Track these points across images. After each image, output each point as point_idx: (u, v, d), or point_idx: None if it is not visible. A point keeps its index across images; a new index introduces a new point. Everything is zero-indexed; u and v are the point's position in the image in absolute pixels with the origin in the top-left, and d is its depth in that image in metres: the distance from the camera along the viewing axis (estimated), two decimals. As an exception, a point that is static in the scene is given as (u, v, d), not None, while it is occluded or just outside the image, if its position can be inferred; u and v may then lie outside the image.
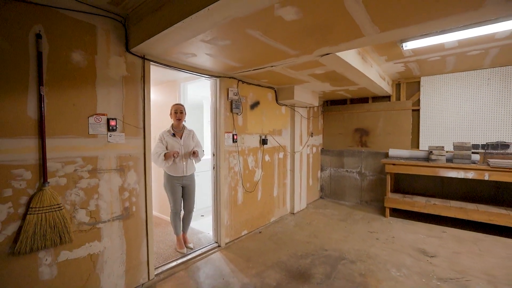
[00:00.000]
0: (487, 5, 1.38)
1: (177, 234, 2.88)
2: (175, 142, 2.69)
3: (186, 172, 2.74)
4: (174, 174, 2.70)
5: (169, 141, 2.68)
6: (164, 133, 2.70)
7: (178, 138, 2.73)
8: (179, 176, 2.72)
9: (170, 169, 2.70)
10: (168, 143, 2.68)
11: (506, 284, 2.24)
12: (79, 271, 1.85)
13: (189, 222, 2.96)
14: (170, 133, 2.70)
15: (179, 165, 2.69)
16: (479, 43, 2.69)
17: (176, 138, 2.71)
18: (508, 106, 3.57)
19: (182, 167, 2.71)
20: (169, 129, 2.73)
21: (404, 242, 3.12)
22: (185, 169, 2.73)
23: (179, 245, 2.85)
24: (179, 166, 2.70)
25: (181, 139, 2.73)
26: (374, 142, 4.77)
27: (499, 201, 3.67)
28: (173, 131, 2.72)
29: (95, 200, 1.92)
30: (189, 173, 2.77)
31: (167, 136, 2.69)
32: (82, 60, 1.83)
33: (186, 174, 2.74)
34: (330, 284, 2.27)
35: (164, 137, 2.67)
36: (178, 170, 2.70)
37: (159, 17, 1.74)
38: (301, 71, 3.00)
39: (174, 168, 2.69)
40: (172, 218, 2.83)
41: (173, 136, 2.70)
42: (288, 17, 1.55)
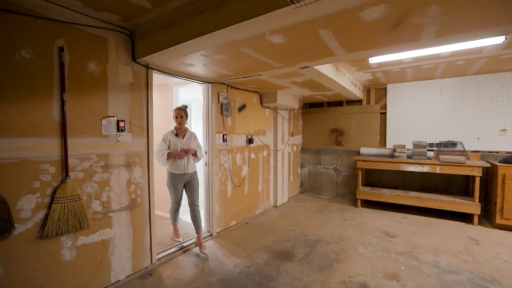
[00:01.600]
0: (423, 39, 1.86)
1: (174, 225, 3.15)
2: (177, 141, 2.86)
3: (188, 170, 2.89)
4: (176, 171, 2.86)
5: (172, 140, 2.85)
6: (167, 133, 2.89)
7: (181, 138, 2.90)
8: (181, 174, 2.87)
9: (172, 167, 2.86)
10: (171, 142, 2.85)
11: (446, 253, 2.80)
12: (94, 254, 2.11)
13: (198, 219, 2.92)
14: (173, 133, 2.89)
15: (180, 163, 2.85)
16: (429, 59, 3.25)
17: (179, 137, 2.89)
18: (457, 111, 4.23)
19: (183, 165, 2.86)
20: (172, 130, 2.92)
21: (371, 227, 3.64)
22: (187, 166, 2.88)
23: (175, 234, 3.15)
24: (180, 164, 2.85)
25: (183, 139, 2.91)
26: (348, 142, 5.31)
27: (448, 190, 4.33)
28: (176, 131, 2.91)
29: (107, 192, 2.19)
30: (190, 170, 2.92)
31: (170, 135, 2.87)
32: (96, 69, 2.10)
33: (188, 171, 2.89)
34: (309, 261, 2.69)
35: (167, 137, 2.86)
36: (180, 168, 2.85)
37: (166, 35, 2.05)
38: (284, 79, 3.41)
39: (176, 166, 2.85)
40: (172, 211, 3.07)
41: (176, 136, 2.88)
42: (276, 41, 1.94)
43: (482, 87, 4.02)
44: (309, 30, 1.75)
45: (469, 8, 1.44)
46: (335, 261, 2.68)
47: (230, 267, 2.58)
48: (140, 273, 2.44)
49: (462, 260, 2.67)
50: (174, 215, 3.09)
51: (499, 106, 3.92)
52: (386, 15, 1.53)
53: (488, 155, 4.00)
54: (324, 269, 2.53)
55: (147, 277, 2.40)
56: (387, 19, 1.57)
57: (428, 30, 1.74)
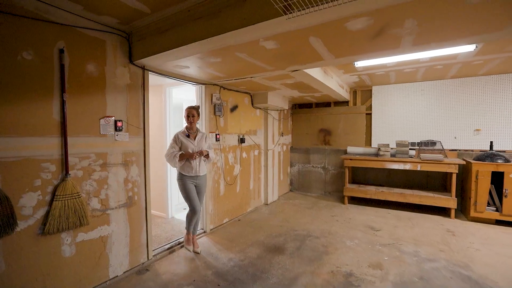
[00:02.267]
0: (402, 47, 2.04)
1: (188, 230, 2.92)
2: (189, 143, 2.75)
3: (199, 172, 2.80)
4: (188, 173, 2.75)
5: (183, 141, 2.74)
6: (179, 134, 2.78)
7: (192, 139, 2.80)
8: (193, 176, 2.78)
9: (184, 169, 2.75)
10: (183, 143, 2.74)
11: (425, 244, 3.02)
12: (92, 250, 2.17)
13: (198, 223, 2.96)
14: (184, 134, 2.78)
15: (193, 164, 2.75)
16: (410, 64, 3.48)
17: (190, 138, 2.78)
18: (436, 112, 4.50)
19: (195, 167, 2.77)
20: (183, 130, 2.82)
21: (357, 221, 3.84)
22: (198, 168, 2.79)
23: (187, 241, 2.96)
24: (193, 166, 2.75)
25: (194, 140, 2.81)
26: (336, 141, 5.52)
27: (429, 186, 4.60)
28: (187, 132, 2.81)
29: (105, 190, 2.25)
30: (201, 173, 2.83)
31: (182, 136, 2.76)
32: (95, 70, 2.16)
33: (199, 174, 2.80)
34: (300, 254, 2.84)
35: (178, 137, 2.75)
36: (192, 169, 2.75)
37: (163, 39, 2.14)
38: (275, 81, 3.55)
39: (188, 167, 2.74)
40: (190, 217, 2.84)
41: (187, 137, 2.78)
42: (269, 46, 2.07)
43: (459, 90, 4.31)
44: (300, 37, 1.90)
45: (441, 22, 1.62)
46: (323, 254, 2.84)
47: (225, 261, 2.69)
48: (137, 268, 2.51)
49: (439, 249, 2.89)
50: (191, 219, 2.86)
51: (474, 108, 4.22)
52: (369, 26, 1.69)
53: (464, 153, 4.30)
54: (314, 261, 2.69)
55: (144, 272, 2.48)
56: (370, 29, 1.74)
57: (407, 39, 1.92)
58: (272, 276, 2.40)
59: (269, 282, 2.31)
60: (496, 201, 3.63)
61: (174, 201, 4.08)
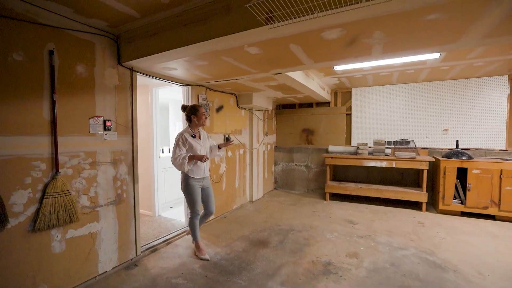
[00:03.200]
0: (373, 54, 2.26)
1: (197, 239, 2.78)
2: (196, 144, 2.66)
3: (206, 173, 2.75)
4: (196, 176, 2.65)
5: (191, 143, 2.63)
6: (184, 134, 2.63)
7: (198, 138, 2.72)
8: (201, 178, 2.70)
9: (193, 171, 2.64)
10: (190, 144, 2.63)
11: (397, 235, 3.29)
12: (82, 247, 2.23)
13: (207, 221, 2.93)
14: (190, 134, 2.66)
15: (201, 166, 2.68)
16: (384, 68, 3.75)
17: (196, 139, 2.70)
18: (410, 112, 4.83)
19: (203, 168, 2.71)
20: (188, 131, 2.69)
21: (337, 216, 4.07)
22: (206, 169, 2.74)
23: (200, 250, 2.75)
24: (201, 167, 2.68)
25: (200, 140, 2.73)
26: (318, 140, 5.77)
27: (403, 182, 4.93)
28: (193, 132, 2.70)
29: (95, 187, 2.31)
30: (208, 174, 2.80)
31: (189, 137, 2.64)
32: (84, 71, 2.22)
33: (206, 175, 2.77)
34: (283, 247, 3.01)
35: (186, 139, 2.62)
36: (200, 171, 2.68)
37: (152, 42, 2.23)
38: (259, 83, 3.71)
39: (197, 169, 2.66)
40: (192, 222, 2.74)
41: (193, 137, 2.68)
42: (253, 52, 2.22)
43: (429, 92, 4.66)
44: (281, 44, 2.06)
45: (404, 34, 1.84)
46: (305, 246, 3.03)
47: (212, 255, 2.81)
48: (126, 264, 2.58)
49: (410, 239, 3.16)
50: (195, 226, 2.77)
51: (442, 109, 4.58)
52: (343, 36, 1.88)
53: (434, 151, 4.65)
54: (296, 252, 2.86)
55: (133, 267, 2.56)
56: (343, 38, 1.93)
57: (377, 48, 2.13)
58: (257, 267, 2.55)
59: (254, 273, 2.45)
60: (461, 195, 3.98)
61: (161, 199, 4.14)
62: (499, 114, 4.24)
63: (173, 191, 4.48)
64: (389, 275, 2.40)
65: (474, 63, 3.50)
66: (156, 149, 3.96)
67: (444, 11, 1.53)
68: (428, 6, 1.46)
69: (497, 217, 3.80)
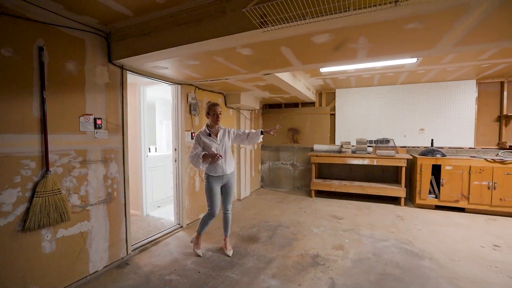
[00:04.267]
0: (358, 58, 2.41)
1: (199, 233, 2.83)
2: (212, 142, 2.63)
3: (226, 170, 2.67)
4: (214, 174, 2.64)
5: (206, 141, 2.62)
6: (200, 134, 2.65)
7: (214, 137, 2.68)
8: (219, 176, 2.66)
9: (210, 169, 2.64)
10: (205, 144, 2.62)
11: (379, 228, 3.49)
12: (73, 246, 2.20)
13: (229, 223, 2.86)
14: (206, 133, 2.65)
15: (218, 164, 2.63)
16: (367, 70, 3.95)
17: (212, 137, 2.66)
18: (390, 113, 5.11)
19: (221, 166, 2.65)
20: (204, 129, 2.68)
21: (323, 212, 4.24)
22: (225, 167, 2.67)
23: (196, 244, 2.82)
24: (219, 165, 2.64)
25: (217, 138, 2.69)
26: (303, 139, 5.93)
27: (384, 179, 5.21)
28: (208, 131, 2.67)
29: (85, 186, 2.29)
30: (229, 171, 2.70)
31: (204, 136, 2.64)
32: (74, 69, 2.20)
33: (226, 172, 2.68)
34: (272, 242, 3.12)
35: (200, 138, 2.63)
36: (218, 169, 2.63)
37: (145, 41, 2.25)
38: (248, 83, 3.79)
39: (214, 167, 2.63)
40: (206, 220, 2.77)
41: (208, 136, 2.65)
42: (245, 53, 2.30)
43: (407, 94, 4.95)
44: (273, 47, 2.15)
45: (387, 40, 1.99)
46: (293, 240, 3.15)
47: (203, 251, 2.86)
48: (117, 263, 2.57)
49: (390, 231, 3.37)
50: (205, 222, 2.78)
51: (419, 110, 4.88)
52: (331, 40, 2.00)
53: (411, 149, 4.95)
54: (285, 246, 2.98)
55: (124, 266, 2.55)
56: (332, 43, 2.05)
57: (361, 52, 2.28)
58: (248, 262, 2.63)
59: (246, 267, 2.54)
60: (435, 190, 4.28)
61: (149, 199, 4.11)
62: (469, 115, 4.59)
63: (160, 190, 4.46)
64: (372, 264, 2.56)
65: (447, 68, 3.78)
66: (144, 148, 3.93)
67: (421, 21, 1.68)
68: (407, 16, 1.61)
69: (466, 210, 4.13)
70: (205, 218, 2.78)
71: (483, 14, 1.59)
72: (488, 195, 3.96)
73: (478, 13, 1.59)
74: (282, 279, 2.32)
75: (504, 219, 3.80)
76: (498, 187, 3.90)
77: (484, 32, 1.85)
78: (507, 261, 2.61)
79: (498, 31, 1.85)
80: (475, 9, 1.53)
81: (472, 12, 1.57)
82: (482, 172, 3.97)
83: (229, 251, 2.80)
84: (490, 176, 3.94)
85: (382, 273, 2.40)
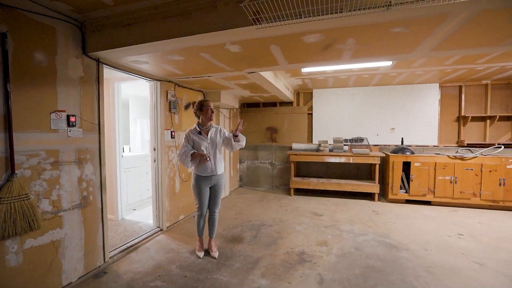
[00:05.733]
0: (342, 59, 2.48)
1: (199, 236, 2.78)
2: (202, 140, 2.57)
3: (216, 171, 2.61)
4: (203, 174, 2.58)
5: (195, 140, 2.56)
6: (190, 132, 2.60)
7: (205, 135, 2.60)
8: (208, 176, 2.59)
9: (199, 169, 2.59)
10: (195, 142, 2.56)
11: (357, 223, 3.65)
12: (43, 257, 1.98)
13: (215, 225, 2.78)
14: (196, 131, 2.59)
15: (208, 164, 2.57)
16: (344, 72, 4.10)
17: (203, 135, 2.59)
18: (363, 113, 5.36)
19: (210, 166, 2.58)
20: (195, 127, 2.62)
21: (303, 209, 4.33)
22: (214, 167, 2.60)
23: (199, 247, 2.77)
24: (208, 165, 2.57)
25: (207, 136, 2.61)
26: (281, 138, 6.00)
27: (359, 176, 5.46)
28: (199, 129, 2.60)
29: (57, 190, 2.08)
30: (219, 172, 2.64)
31: (193, 134, 2.58)
32: (44, 60, 1.97)
33: (216, 173, 2.62)
34: (257, 241, 3.10)
35: (190, 136, 2.57)
36: (207, 169, 2.57)
37: (126, 33, 2.09)
38: (230, 81, 3.73)
39: (203, 167, 2.57)
40: (197, 220, 2.73)
41: (199, 134, 2.58)
42: (233, 50, 2.25)
43: (379, 95, 5.24)
44: (263, 44, 2.13)
45: (372, 43, 2.07)
46: (278, 238, 3.16)
47: (187, 255, 2.76)
48: (94, 272, 2.37)
49: (368, 226, 3.54)
50: (199, 224, 2.73)
51: (390, 111, 5.19)
52: (321, 41, 2.03)
53: (383, 147, 5.25)
54: (270, 245, 2.98)
55: (102, 275, 2.36)
56: (321, 43, 2.08)
57: (347, 53, 2.35)
58: (235, 262, 2.59)
59: (234, 268, 2.49)
60: (405, 185, 4.59)
61: (124, 201, 3.87)
62: (433, 115, 4.99)
63: (136, 192, 4.22)
64: (355, 258, 2.67)
65: (415, 72, 4.06)
66: (118, 148, 3.68)
67: (406, 25, 1.78)
68: (395, 20, 1.69)
69: (432, 203, 4.49)
70: (197, 220, 2.76)
71: (460, 22, 1.72)
72: (450, 188, 4.34)
73: (456, 22, 1.71)
74: (271, 278, 2.32)
75: (464, 210, 4.19)
76: (459, 181, 4.29)
77: (457, 40, 2.01)
78: (470, 248, 2.88)
79: (468, 39, 2.01)
80: (455, 17, 1.65)
81: (451, 20, 1.69)
82: (446, 168, 4.34)
83: (215, 253, 2.72)
84: (453, 171, 4.32)
85: (365, 266, 2.50)
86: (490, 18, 1.67)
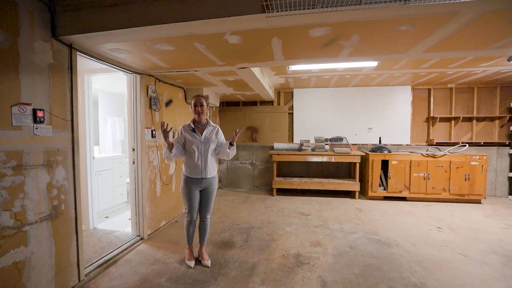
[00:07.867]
0: (339, 56, 2.45)
1: (188, 243, 2.57)
2: (194, 138, 2.37)
3: (206, 174, 2.40)
4: (192, 175, 2.39)
5: (187, 137, 2.37)
6: (183, 127, 2.41)
7: (199, 133, 2.40)
8: (198, 178, 2.39)
9: (188, 170, 2.40)
10: (186, 139, 2.37)
11: (345, 221, 3.69)
12: (2, 283, 1.62)
13: (206, 231, 2.59)
14: (189, 128, 2.40)
15: (198, 165, 2.37)
16: (329, 71, 4.13)
17: (196, 133, 2.39)
18: (342, 113, 5.48)
19: (200, 168, 2.37)
20: (189, 123, 2.43)
21: (289, 210, 4.27)
22: (205, 170, 2.39)
23: (188, 256, 2.55)
24: (198, 166, 2.37)
25: (201, 135, 2.40)
26: (262, 138, 5.91)
27: (339, 175, 5.58)
28: (193, 125, 2.41)
29: (21, 200, 1.72)
30: (209, 175, 2.43)
31: (186, 130, 2.39)
32: (3, 40, 1.61)
33: (206, 176, 2.40)
34: (250, 245, 2.95)
35: (182, 132, 2.39)
36: (197, 171, 2.37)
37: (107, 15, 1.81)
38: (216, 77, 3.52)
39: (192, 168, 2.38)
40: (186, 226, 2.53)
41: (192, 131, 2.38)
42: (232, 41, 2.07)
43: (357, 96, 5.40)
44: (265, 36, 1.99)
45: (374, 41, 2.05)
46: (270, 241, 3.04)
47: (176, 265, 2.51)
48: (67, 294, 2.03)
49: (355, 224, 3.59)
50: (188, 230, 2.53)
51: (367, 111, 5.38)
52: (326, 35, 1.96)
53: (362, 146, 5.42)
54: (264, 249, 2.85)
55: (77, 296, 2.03)
56: (326, 38, 2.01)
57: (345, 51, 2.31)
58: (231, 270, 2.41)
59: (230, 276, 2.31)
60: (384, 183, 4.77)
61: (95, 209, 3.44)
62: (406, 116, 5.28)
63: (108, 198, 3.80)
64: (351, 257, 2.65)
65: (394, 74, 4.24)
66: (89, 149, 3.26)
67: (413, 23, 1.77)
68: (404, 17, 1.67)
69: (408, 198, 4.73)
70: (186, 226, 2.55)
71: (463, 23, 1.76)
72: (424, 185, 4.61)
73: (460, 22, 1.75)
74: (272, 284, 2.19)
75: (437, 204, 4.48)
76: (431, 178, 4.58)
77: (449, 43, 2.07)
78: (451, 240, 3.04)
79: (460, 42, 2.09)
80: (460, 17, 1.68)
81: (456, 20, 1.72)
82: (419, 165, 4.61)
83: (207, 261, 2.51)
84: (425, 168, 4.59)
85: (363, 265, 2.49)
86: (490, 20, 1.73)
